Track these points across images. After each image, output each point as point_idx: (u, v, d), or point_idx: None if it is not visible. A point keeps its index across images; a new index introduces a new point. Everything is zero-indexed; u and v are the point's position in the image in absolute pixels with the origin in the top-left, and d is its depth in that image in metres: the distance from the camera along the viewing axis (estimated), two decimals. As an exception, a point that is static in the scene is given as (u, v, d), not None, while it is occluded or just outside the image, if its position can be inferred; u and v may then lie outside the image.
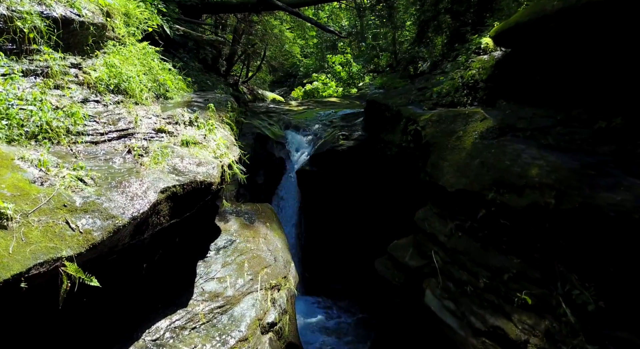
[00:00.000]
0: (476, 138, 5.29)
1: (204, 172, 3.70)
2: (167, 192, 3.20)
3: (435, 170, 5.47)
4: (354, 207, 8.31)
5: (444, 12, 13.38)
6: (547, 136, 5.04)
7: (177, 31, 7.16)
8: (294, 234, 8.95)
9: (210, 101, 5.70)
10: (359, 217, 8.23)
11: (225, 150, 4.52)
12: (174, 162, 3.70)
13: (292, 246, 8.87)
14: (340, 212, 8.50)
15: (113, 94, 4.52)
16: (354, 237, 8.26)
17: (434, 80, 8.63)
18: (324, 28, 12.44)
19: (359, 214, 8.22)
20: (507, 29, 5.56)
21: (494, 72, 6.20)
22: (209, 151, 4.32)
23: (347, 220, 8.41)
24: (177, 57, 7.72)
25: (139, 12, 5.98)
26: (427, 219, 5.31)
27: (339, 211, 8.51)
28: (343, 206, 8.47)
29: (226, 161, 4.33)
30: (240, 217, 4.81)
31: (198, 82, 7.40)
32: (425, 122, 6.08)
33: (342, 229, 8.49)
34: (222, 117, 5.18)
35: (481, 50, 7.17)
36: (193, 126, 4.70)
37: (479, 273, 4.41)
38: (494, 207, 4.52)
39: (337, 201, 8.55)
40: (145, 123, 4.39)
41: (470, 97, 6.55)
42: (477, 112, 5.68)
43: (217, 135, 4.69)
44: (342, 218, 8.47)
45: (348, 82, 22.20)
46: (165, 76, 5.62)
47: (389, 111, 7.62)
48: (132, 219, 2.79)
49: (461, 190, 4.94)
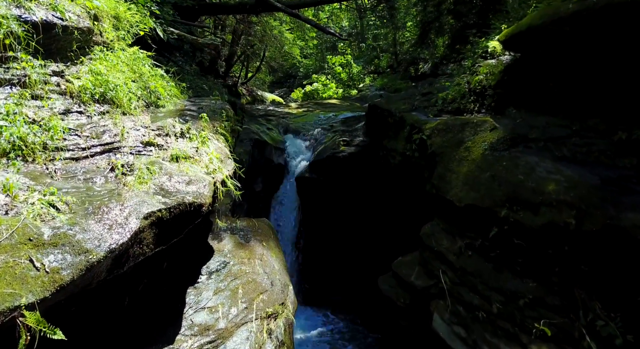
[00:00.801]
0: (486, 149, 4.96)
1: (194, 192, 3.37)
2: (151, 217, 2.87)
3: (442, 182, 5.14)
4: (355, 216, 7.98)
5: (446, 13, 13.05)
6: (562, 147, 4.71)
7: (172, 34, 6.81)
8: (293, 243, 8.63)
9: (205, 109, 5.37)
10: (360, 227, 7.90)
11: (218, 164, 4.18)
12: (161, 181, 3.37)
13: (290, 256, 8.57)
14: (341, 221, 8.18)
15: (98, 104, 4.18)
16: (355, 248, 7.93)
17: (437, 84, 8.30)
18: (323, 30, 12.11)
19: (361, 224, 7.89)
20: (519, 32, 5.22)
21: (503, 78, 5.87)
22: (201, 166, 3.99)
23: (348, 230, 8.08)
24: (171, 61, 7.38)
25: (130, 15, 5.64)
26: (434, 235, 4.98)
27: (340, 220, 8.19)
28: (344, 214, 8.14)
29: (219, 177, 3.99)
30: (235, 235, 4.48)
31: (193, 88, 7.07)
32: (431, 130, 5.75)
33: (343, 239, 8.16)
34: (216, 128, 4.84)
35: (488, 54, 6.84)
36: (184, 137, 4.37)
37: (491, 296, 4.08)
38: (507, 225, 4.19)
39: (337, 209, 8.22)
40: (133, 135, 4.06)
41: (477, 103, 6.22)
42: (486, 121, 5.35)
43: (210, 147, 4.36)
44: (343, 227, 8.15)
45: (348, 83, 21.87)
46: (156, 83, 5.28)
47: (392, 116, 7.28)
48: (109, 253, 2.45)
49: (471, 205, 4.61)
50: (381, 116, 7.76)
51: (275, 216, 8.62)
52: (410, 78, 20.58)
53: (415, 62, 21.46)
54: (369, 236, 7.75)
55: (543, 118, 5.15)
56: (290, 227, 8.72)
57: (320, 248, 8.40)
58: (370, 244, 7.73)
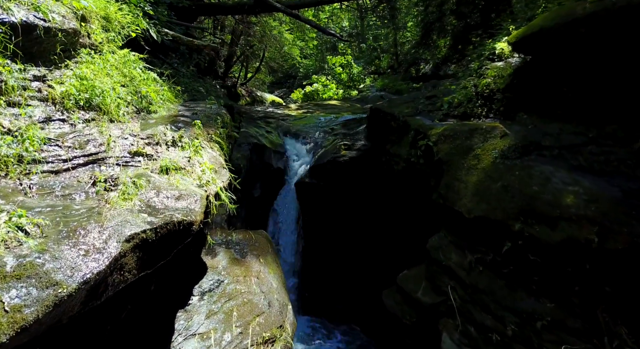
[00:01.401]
0: (496, 157, 4.66)
1: (184, 209, 3.07)
2: (134, 240, 2.57)
3: (450, 192, 4.84)
4: (357, 223, 7.68)
5: (449, 14, 12.76)
6: (578, 155, 4.41)
7: (166, 36, 6.52)
8: (293, 249, 8.34)
9: (199, 114, 5.07)
10: (362, 234, 7.60)
11: (212, 175, 3.89)
12: (147, 196, 3.07)
13: (290, 263, 8.27)
14: (342, 228, 7.88)
15: (83, 111, 3.89)
16: (357, 255, 7.63)
17: (442, 87, 8.00)
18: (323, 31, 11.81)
19: (363, 231, 7.59)
20: (530, 34, 4.92)
21: (513, 82, 5.57)
22: (193, 178, 3.69)
23: (350, 236, 7.78)
24: (166, 63, 7.09)
25: (121, 16, 5.35)
26: (442, 248, 4.69)
27: (341, 226, 7.89)
28: (345, 221, 7.84)
29: (213, 190, 3.70)
30: (230, 249, 4.18)
31: (189, 91, 6.77)
32: (438, 136, 5.45)
33: (344, 246, 7.86)
34: (210, 135, 4.55)
35: (496, 56, 6.54)
36: (176, 146, 4.07)
37: (505, 317, 3.78)
38: (522, 240, 3.89)
39: (339, 215, 7.92)
40: (120, 145, 3.76)
41: (485, 108, 5.92)
42: (496, 127, 5.06)
43: (203, 157, 4.06)
44: (345, 234, 7.85)
45: (348, 84, 21.56)
46: (148, 87, 4.98)
47: (395, 120, 6.98)
48: (83, 284, 2.16)
49: (481, 217, 4.31)
50: (384, 120, 7.46)
51: (274, 222, 8.32)
52: (411, 79, 20.34)
53: (416, 63, 21.21)
54: (372, 244, 7.46)
55: (556, 124, 4.85)
56: (290, 234, 8.42)
57: (321, 255, 8.10)
58: (372, 251, 7.44)
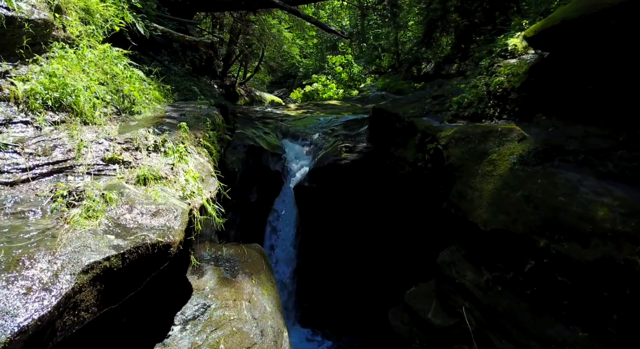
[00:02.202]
0: (514, 163, 4.19)
1: (160, 228, 2.59)
2: (94, 270, 2.10)
3: (463, 201, 4.37)
4: (359, 230, 7.21)
5: (453, 11, 12.28)
6: (607, 161, 3.93)
7: (155, 31, 6.03)
8: (291, 257, 7.87)
9: (188, 116, 4.59)
10: (365, 242, 7.14)
11: (198, 185, 3.41)
12: (118, 213, 2.60)
13: (288, 272, 7.80)
14: (344, 235, 7.41)
15: (52, 112, 3.41)
16: (359, 265, 7.16)
17: (448, 86, 7.52)
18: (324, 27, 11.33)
19: (366, 239, 7.12)
20: (551, 27, 4.44)
21: (529, 80, 5.09)
22: (176, 189, 3.21)
23: (352, 244, 7.31)
24: (157, 61, 6.61)
25: (103, 8, 4.86)
26: (455, 264, 4.21)
27: (343, 233, 7.42)
28: (347, 227, 7.38)
29: (197, 202, 3.22)
30: (219, 267, 3.70)
31: (180, 90, 6.29)
32: (448, 139, 4.98)
33: (346, 254, 7.40)
34: (198, 138, 4.07)
35: (508, 53, 6.06)
36: (158, 152, 3.60)
37: (530, 346, 3.32)
38: (547, 258, 3.42)
39: (340, 221, 7.45)
40: (93, 150, 3.28)
41: (498, 108, 5.44)
42: (513, 130, 4.58)
43: (189, 164, 3.59)
44: (347, 241, 7.38)
45: (349, 83, 21.05)
46: (132, 86, 4.50)
47: (400, 122, 6.50)
48: (18, 335, 1.68)
49: (499, 231, 3.84)
50: (387, 121, 6.98)
51: (272, 228, 7.85)
52: (412, 78, 19.85)
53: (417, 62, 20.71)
54: (375, 253, 6.99)
55: (580, 127, 4.38)
56: (288, 241, 7.95)
57: (322, 263, 7.64)
58: (376, 260, 6.97)
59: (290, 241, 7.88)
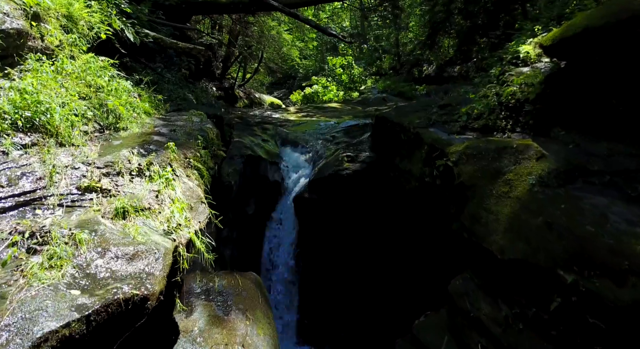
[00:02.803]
0: (534, 184, 3.81)
1: (137, 276, 2.22)
2: (49, 343, 1.72)
3: (476, 224, 3.99)
4: (363, 245, 6.83)
5: (457, 13, 11.88)
6: (636, 184, 3.57)
7: (146, 37, 5.65)
8: (291, 271, 7.49)
9: (178, 131, 4.21)
10: (369, 259, 6.76)
11: (186, 215, 3.03)
12: (88, 258, 2.22)
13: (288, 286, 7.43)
14: (345, 249, 7.03)
15: (23, 134, 3.03)
16: (363, 282, 6.78)
17: (454, 94, 7.14)
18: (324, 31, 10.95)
19: (370, 255, 6.74)
20: (572, 36, 4.07)
21: (545, 91, 4.72)
22: (160, 221, 2.84)
23: (355, 259, 6.93)
24: (149, 68, 6.22)
25: (87, 14, 4.48)
26: (469, 294, 3.84)
27: (344, 247, 7.04)
28: (349, 241, 7.00)
29: (184, 237, 2.85)
30: (210, 302, 3.33)
31: (173, 100, 5.91)
32: (458, 155, 4.60)
33: (348, 269, 7.02)
34: (188, 159, 3.69)
35: (519, 60, 5.68)
36: (143, 176, 3.22)
37: (557, 396, 2.95)
38: (576, 296, 3.04)
39: (341, 235, 7.07)
40: (68, 177, 2.91)
41: (510, 121, 5.07)
42: (530, 146, 4.20)
43: (176, 190, 3.21)
44: (348, 256, 7.00)
45: (349, 85, 20.64)
46: (118, 99, 4.12)
47: (405, 132, 6.13)
48: None
49: (519, 261, 3.47)
50: (391, 131, 6.60)
51: (270, 242, 7.47)
52: (413, 80, 19.45)
53: (418, 64, 20.32)
54: (379, 270, 6.61)
55: (604, 144, 4.01)
56: (287, 254, 7.57)
57: (323, 278, 7.26)
58: (379, 278, 6.59)
59: (289, 254, 7.51)
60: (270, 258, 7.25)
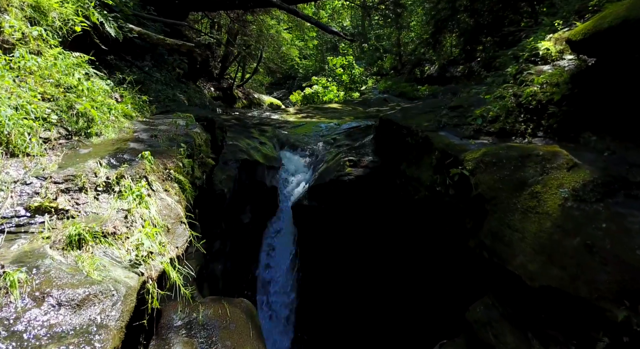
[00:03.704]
0: (566, 198, 3.28)
1: (84, 331, 1.70)
2: None
3: (499, 243, 3.47)
4: (367, 258, 6.31)
5: (462, 10, 11.35)
6: (688, 199, 3.05)
7: (130, 32, 5.12)
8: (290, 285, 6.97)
9: (160, 137, 3.68)
10: (373, 273, 6.24)
11: (160, 239, 2.51)
12: (18, 309, 1.70)
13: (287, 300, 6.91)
14: (348, 262, 6.51)
15: (-37, 143, 2.49)
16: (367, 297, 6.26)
17: (464, 94, 6.60)
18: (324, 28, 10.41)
19: (374, 269, 6.22)
20: (608, 29, 3.54)
21: (573, 92, 4.19)
22: (127, 249, 2.32)
23: (358, 273, 6.41)
24: (135, 67, 5.69)
25: (58, 4, 3.95)
26: (491, 325, 3.31)
27: (347, 259, 6.51)
28: (352, 254, 6.48)
29: (156, 269, 2.32)
30: (192, 338, 2.81)
31: (161, 101, 5.38)
32: (476, 163, 4.07)
33: (351, 283, 6.49)
34: (168, 170, 3.15)
35: (538, 58, 5.16)
36: (111, 192, 2.69)
37: None
38: (629, 336, 2.52)
39: (344, 246, 6.55)
40: (16, 195, 2.39)
41: (531, 124, 4.54)
42: (558, 154, 3.67)
43: (151, 208, 2.68)
44: (351, 270, 6.48)
45: (350, 86, 20.11)
46: (89, 101, 3.59)
47: (413, 136, 5.60)
48: None
49: (553, 289, 2.94)
50: (397, 134, 6.08)
51: (268, 252, 6.95)
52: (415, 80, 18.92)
53: (420, 63, 19.78)
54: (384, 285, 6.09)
55: (646, 151, 3.48)
56: (286, 265, 7.05)
57: (323, 292, 6.74)
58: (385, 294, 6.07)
59: (287, 266, 6.98)
60: (266, 271, 6.72)
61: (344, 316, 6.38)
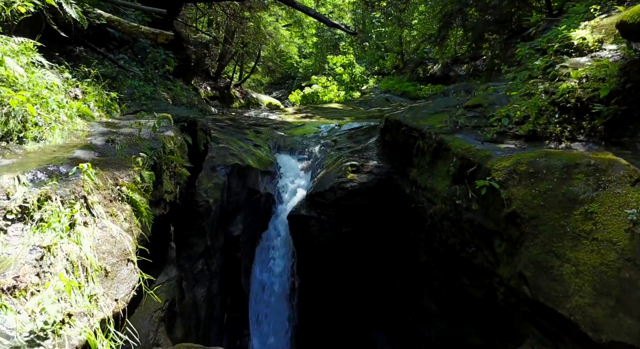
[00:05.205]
0: (635, 221, 2.52)
1: None
2: None
3: (543, 277, 2.71)
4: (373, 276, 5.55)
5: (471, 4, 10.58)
6: None
7: (99, 19, 4.36)
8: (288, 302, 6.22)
9: (118, 142, 2.91)
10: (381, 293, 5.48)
11: (90, 291, 1.75)
12: None
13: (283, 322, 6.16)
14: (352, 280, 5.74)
15: None
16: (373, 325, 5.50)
17: (479, 92, 5.83)
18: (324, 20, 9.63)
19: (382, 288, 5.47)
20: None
21: (624, 86, 3.42)
22: (31, 312, 1.55)
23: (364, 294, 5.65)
24: (108, 60, 4.93)
25: (-2, -21, 3.19)
26: (539, 386, 2.56)
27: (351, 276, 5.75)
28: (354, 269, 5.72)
29: (72, 341, 1.55)
30: None
31: (135, 99, 4.61)
32: (507, 174, 3.31)
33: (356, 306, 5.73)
34: (119, 187, 2.38)
35: (572, 49, 4.40)
36: (28, 221, 1.92)
37: None
38: None
39: (345, 261, 5.79)
40: None
41: (568, 126, 3.77)
42: (616, 163, 2.90)
43: (83, 243, 1.91)
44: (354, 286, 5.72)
45: (350, 85, 19.35)
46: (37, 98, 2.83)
47: (425, 139, 4.83)
48: None
49: (627, 347, 2.19)
50: (406, 136, 5.32)
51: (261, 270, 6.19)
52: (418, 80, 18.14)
53: (423, 62, 19.00)
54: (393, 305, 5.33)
55: None
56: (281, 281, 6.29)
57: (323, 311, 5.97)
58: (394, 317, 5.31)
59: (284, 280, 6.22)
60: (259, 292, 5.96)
61: (348, 340, 5.62)
